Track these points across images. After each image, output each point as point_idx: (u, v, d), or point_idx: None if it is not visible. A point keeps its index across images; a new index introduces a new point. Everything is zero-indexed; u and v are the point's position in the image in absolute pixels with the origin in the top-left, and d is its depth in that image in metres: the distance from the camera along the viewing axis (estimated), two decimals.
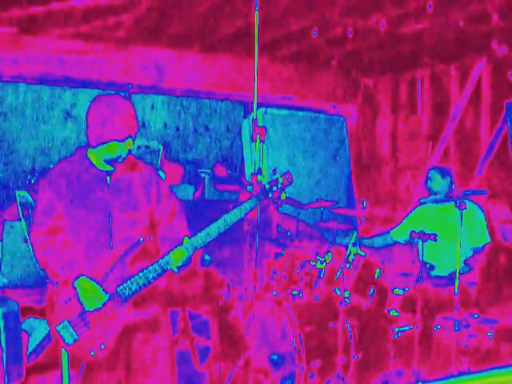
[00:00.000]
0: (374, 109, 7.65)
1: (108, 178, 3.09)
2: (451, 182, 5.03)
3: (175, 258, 2.97)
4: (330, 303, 4.38)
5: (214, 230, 3.01)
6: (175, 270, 2.98)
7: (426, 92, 7.16)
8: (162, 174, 6.58)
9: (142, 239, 3.02)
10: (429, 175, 5.11)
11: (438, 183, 5.03)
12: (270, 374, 4.19)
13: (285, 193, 3.13)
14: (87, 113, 3.03)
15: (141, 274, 2.96)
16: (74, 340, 2.94)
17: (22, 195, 5.62)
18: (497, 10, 4.91)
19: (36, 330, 4.36)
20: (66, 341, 2.94)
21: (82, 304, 2.96)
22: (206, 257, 3.11)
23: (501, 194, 6.37)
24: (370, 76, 7.48)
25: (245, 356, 4.20)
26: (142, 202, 3.09)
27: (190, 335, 4.98)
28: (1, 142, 6.56)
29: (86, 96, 6.83)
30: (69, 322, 2.96)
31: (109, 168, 3.09)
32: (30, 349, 4.28)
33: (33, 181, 5.84)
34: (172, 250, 2.99)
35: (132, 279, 2.96)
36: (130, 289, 2.95)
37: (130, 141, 3.02)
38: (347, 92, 7.50)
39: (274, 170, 3.57)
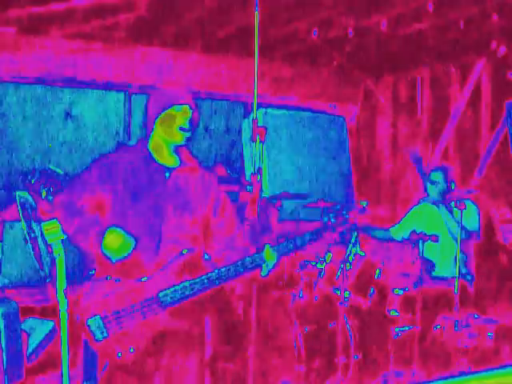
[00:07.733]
0: (374, 109, 7.65)
1: (167, 173, 2.97)
2: (450, 182, 4.94)
3: (269, 258, 2.83)
4: (330, 303, 4.38)
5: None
6: (265, 273, 2.86)
7: (426, 92, 7.16)
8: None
9: (185, 251, 2.86)
10: (433, 179, 4.90)
11: (442, 187, 4.89)
12: (270, 373, 4.19)
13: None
14: None
15: (187, 284, 2.80)
16: (104, 337, 2.77)
17: (22, 195, 5.62)
18: (497, 10, 4.92)
19: (36, 330, 4.36)
20: (96, 337, 2.76)
21: (110, 255, 2.78)
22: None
23: (501, 193, 6.36)
24: (370, 76, 7.48)
25: (244, 356, 4.19)
26: (198, 207, 2.97)
27: None
28: (1, 142, 6.55)
29: (85, 96, 6.82)
30: (101, 318, 2.78)
31: (170, 164, 3.01)
32: (30, 349, 4.28)
33: (33, 181, 5.83)
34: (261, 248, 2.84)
35: (177, 287, 2.80)
36: (172, 297, 2.80)
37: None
38: (347, 92, 7.50)
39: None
